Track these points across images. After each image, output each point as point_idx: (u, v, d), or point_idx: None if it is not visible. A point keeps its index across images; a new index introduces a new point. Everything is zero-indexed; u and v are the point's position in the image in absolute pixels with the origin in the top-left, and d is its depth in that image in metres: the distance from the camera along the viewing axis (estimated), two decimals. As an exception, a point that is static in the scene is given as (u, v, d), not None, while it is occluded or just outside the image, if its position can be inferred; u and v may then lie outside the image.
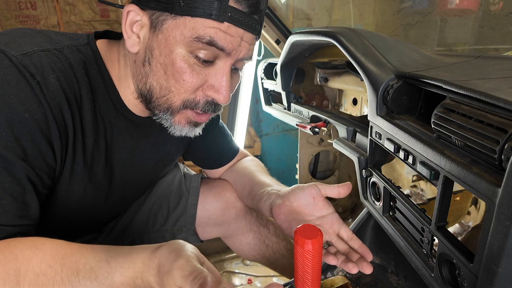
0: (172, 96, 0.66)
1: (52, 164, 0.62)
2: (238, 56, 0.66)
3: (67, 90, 0.62)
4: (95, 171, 0.72)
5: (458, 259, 0.47)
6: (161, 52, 0.63)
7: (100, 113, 0.70)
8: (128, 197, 0.91)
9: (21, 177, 0.56)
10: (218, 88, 0.66)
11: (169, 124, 0.70)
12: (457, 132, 0.45)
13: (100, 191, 0.76)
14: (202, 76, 0.65)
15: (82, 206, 0.74)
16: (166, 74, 0.64)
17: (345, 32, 0.84)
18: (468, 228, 0.86)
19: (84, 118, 0.66)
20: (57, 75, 0.60)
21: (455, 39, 1.61)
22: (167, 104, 0.67)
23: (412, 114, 0.65)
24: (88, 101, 0.66)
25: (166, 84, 0.65)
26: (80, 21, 2.40)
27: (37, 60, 0.59)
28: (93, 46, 0.69)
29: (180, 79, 0.63)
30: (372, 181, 0.74)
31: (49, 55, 0.61)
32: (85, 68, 0.66)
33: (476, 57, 0.70)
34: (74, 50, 0.66)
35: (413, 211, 0.59)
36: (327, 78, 1.29)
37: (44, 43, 0.63)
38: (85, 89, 0.66)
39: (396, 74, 0.65)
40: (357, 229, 0.91)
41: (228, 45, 0.62)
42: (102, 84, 0.69)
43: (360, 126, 0.86)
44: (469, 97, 0.46)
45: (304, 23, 2.42)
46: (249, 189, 0.92)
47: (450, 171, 0.46)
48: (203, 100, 0.67)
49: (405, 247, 0.62)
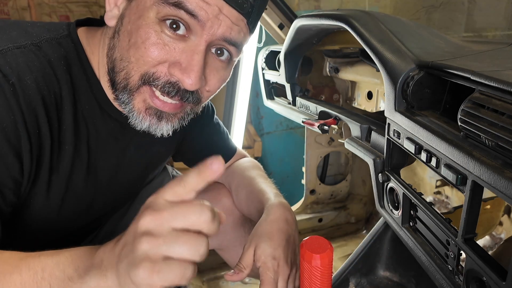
0: (131, 68, 0.64)
1: (18, 178, 0.61)
2: (215, 31, 0.62)
3: (45, 92, 0.62)
4: (75, 180, 0.72)
5: (489, 276, 0.47)
6: (130, 19, 0.63)
7: (83, 115, 0.70)
8: (113, 204, 0.91)
9: None
10: (186, 67, 0.62)
11: (128, 110, 0.68)
12: (487, 131, 0.45)
13: (81, 200, 0.76)
14: (169, 48, 0.62)
15: (61, 218, 0.74)
16: (129, 42, 0.63)
17: (359, 15, 0.84)
18: (500, 241, 0.86)
19: (64, 123, 0.66)
20: (35, 75, 0.61)
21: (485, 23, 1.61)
22: (125, 79, 0.65)
23: (436, 110, 0.65)
24: (69, 102, 0.66)
25: (127, 54, 0.64)
26: (54, 3, 2.40)
27: (12, 59, 0.59)
28: (74, 37, 0.69)
29: (142, 47, 0.61)
30: (389, 186, 0.74)
31: (25, 53, 0.61)
32: (67, 65, 0.66)
33: (509, 44, 0.70)
34: (54, 44, 0.66)
35: (437, 221, 0.59)
36: (337, 69, 1.29)
37: (20, 38, 0.62)
38: (66, 89, 0.65)
39: (418, 64, 0.65)
40: (373, 242, 0.91)
41: (200, 11, 0.60)
42: (85, 82, 0.69)
43: (375, 123, 0.86)
44: (502, 90, 0.46)
45: (312, 5, 2.42)
46: (246, 196, 0.92)
47: (480, 175, 0.46)
48: (165, 77, 0.64)
49: (428, 263, 0.62)
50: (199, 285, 1.42)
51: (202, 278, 1.47)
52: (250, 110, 2.61)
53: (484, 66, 0.54)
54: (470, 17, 1.61)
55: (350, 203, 1.78)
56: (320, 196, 1.70)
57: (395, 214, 0.73)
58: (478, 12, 1.59)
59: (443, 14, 1.65)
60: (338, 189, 1.73)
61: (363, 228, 1.80)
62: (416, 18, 1.71)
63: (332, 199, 1.74)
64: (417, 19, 1.71)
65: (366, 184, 1.74)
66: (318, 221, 1.73)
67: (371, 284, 0.93)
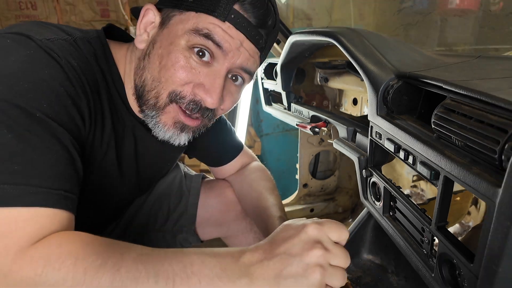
0: (161, 88, 0.64)
1: (83, 140, 0.62)
2: (236, 60, 0.65)
3: (88, 76, 0.62)
4: (107, 159, 0.71)
5: (459, 259, 0.47)
6: (161, 44, 0.64)
7: (112, 104, 0.70)
8: (133, 194, 0.90)
9: (68, 144, 0.55)
10: (209, 89, 0.64)
11: (153, 123, 0.68)
12: (457, 132, 0.45)
13: (109, 178, 0.76)
14: (195, 72, 0.63)
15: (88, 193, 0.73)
16: (160, 64, 0.64)
17: (345, 32, 0.84)
18: (468, 228, 0.86)
19: (103, 105, 0.66)
20: (77, 62, 0.61)
21: (456, 39, 1.61)
22: (155, 97, 0.65)
23: (413, 114, 0.65)
24: (104, 90, 0.67)
25: (158, 76, 0.64)
26: (81, 21, 2.40)
27: (59, 46, 0.59)
28: (103, 40, 0.70)
29: (172, 68, 0.63)
30: (372, 181, 0.74)
31: (67, 44, 0.62)
32: (96, 60, 0.67)
33: (476, 57, 0.70)
34: (86, 42, 0.66)
35: (413, 211, 0.59)
36: (327, 78, 1.29)
37: (60, 33, 0.63)
38: (100, 78, 0.66)
39: (396, 74, 0.65)
40: (357, 229, 0.91)
41: (225, 43, 0.62)
42: (110, 77, 0.70)
43: (360, 126, 0.86)
44: (470, 97, 0.46)
45: (304, 23, 2.42)
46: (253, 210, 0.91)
47: (450, 171, 0.46)
48: (190, 96, 0.65)
49: (405, 247, 0.62)
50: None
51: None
52: (251, 115, 2.60)
53: (455, 76, 0.54)
54: (442, 33, 1.61)
55: (338, 195, 1.78)
56: (312, 189, 1.70)
57: (377, 205, 0.73)
58: (449, 29, 1.59)
59: (419, 31, 1.65)
60: (327, 183, 1.72)
61: (349, 217, 1.80)
62: (396, 34, 1.71)
63: (322, 192, 1.74)
64: (396, 35, 1.71)
65: (352, 179, 1.73)
66: (310, 211, 1.73)
67: (356, 266, 0.92)
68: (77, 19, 2.41)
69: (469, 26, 1.51)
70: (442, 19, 1.60)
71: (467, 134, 0.43)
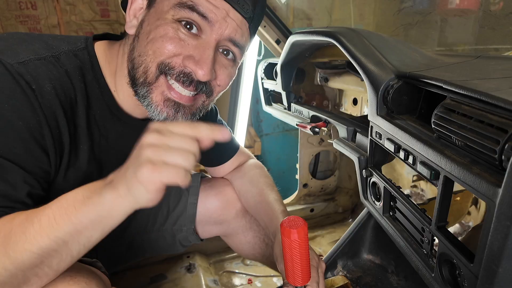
0: (148, 61, 0.64)
1: (47, 169, 0.62)
2: (223, 31, 0.64)
3: (62, 98, 0.62)
4: (89, 177, 0.71)
5: (458, 259, 0.47)
6: (149, 22, 0.64)
7: (94, 119, 0.70)
8: None
9: (17, 181, 0.56)
10: (199, 60, 0.64)
11: (147, 104, 0.67)
12: (457, 132, 0.45)
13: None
14: (184, 44, 0.63)
15: None
16: (147, 39, 0.64)
17: (346, 32, 0.84)
18: (468, 228, 0.86)
19: (79, 125, 0.66)
20: (53, 83, 0.61)
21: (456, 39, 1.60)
22: (143, 73, 0.65)
23: (413, 114, 0.65)
24: (83, 107, 0.66)
25: (144, 49, 0.64)
26: (81, 21, 2.40)
27: (33, 69, 0.59)
28: (90, 50, 0.69)
29: (160, 40, 0.63)
30: (372, 181, 0.74)
31: (45, 64, 0.61)
32: (82, 75, 0.67)
33: (476, 57, 0.70)
34: (71, 56, 0.66)
35: (413, 211, 0.59)
36: (327, 78, 1.29)
37: (41, 50, 0.63)
38: (80, 96, 0.66)
39: (396, 74, 0.65)
40: (357, 229, 0.91)
41: (210, 13, 0.62)
42: (97, 90, 0.69)
43: (360, 126, 0.86)
44: (470, 97, 0.46)
45: (304, 23, 2.42)
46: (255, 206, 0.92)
47: (451, 171, 0.46)
48: (180, 68, 0.64)
49: (405, 247, 0.62)
50: (207, 266, 1.42)
51: (209, 261, 1.47)
52: (251, 114, 2.60)
53: (455, 76, 0.54)
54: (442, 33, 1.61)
55: (338, 195, 1.78)
56: (312, 189, 1.70)
57: (377, 205, 0.73)
58: (449, 29, 1.59)
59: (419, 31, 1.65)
60: (327, 183, 1.72)
61: (349, 217, 1.80)
62: (395, 35, 1.71)
63: (322, 192, 1.74)
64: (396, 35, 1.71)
65: (352, 179, 1.73)
66: (310, 211, 1.73)
67: (356, 265, 0.92)
68: (77, 19, 2.41)
69: (469, 26, 1.51)
70: (442, 19, 1.60)
71: (467, 134, 0.43)
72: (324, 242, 1.62)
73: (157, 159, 0.46)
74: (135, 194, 0.47)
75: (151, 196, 0.47)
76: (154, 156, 0.46)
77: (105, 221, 0.50)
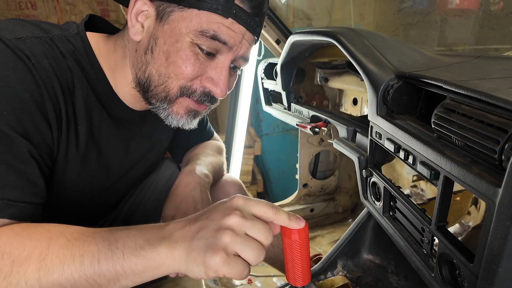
0: (170, 83, 0.67)
1: (51, 145, 0.62)
2: (238, 52, 0.68)
3: (60, 76, 0.62)
4: (89, 159, 0.72)
5: (458, 259, 0.47)
6: (166, 41, 0.64)
7: (92, 102, 0.70)
8: (122, 186, 0.90)
9: (25, 154, 0.55)
10: (217, 81, 0.67)
11: (166, 114, 0.70)
12: (457, 132, 0.45)
13: (94, 179, 0.76)
14: (202, 66, 0.66)
15: (75, 194, 0.73)
16: (167, 61, 0.65)
17: (345, 32, 0.84)
18: (468, 228, 0.86)
19: (77, 106, 0.66)
20: (50, 61, 0.61)
21: (455, 39, 1.61)
22: (164, 91, 0.68)
23: (413, 114, 0.65)
24: (80, 89, 0.66)
25: (165, 71, 0.66)
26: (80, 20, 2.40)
27: (30, 45, 0.59)
28: (83, 36, 0.69)
29: (182, 65, 0.65)
30: (372, 181, 0.74)
31: (41, 42, 0.61)
32: (76, 59, 0.66)
33: (476, 57, 0.70)
34: (64, 39, 0.66)
35: (413, 211, 0.59)
36: (327, 78, 1.29)
37: (36, 31, 0.63)
38: (77, 78, 0.66)
39: (396, 74, 0.65)
40: (357, 229, 0.91)
41: (230, 40, 0.65)
42: (93, 75, 0.69)
43: (360, 126, 0.86)
44: (470, 97, 0.46)
45: (304, 23, 2.42)
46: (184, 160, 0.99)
47: (451, 171, 0.46)
48: (200, 89, 0.68)
49: (405, 247, 0.62)
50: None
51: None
52: (251, 114, 2.61)
53: (455, 76, 0.54)
54: (442, 33, 1.61)
55: (338, 195, 1.78)
56: (312, 189, 1.70)
57: (377, 205, 0.73)
58: (449, 29, 1.59)
59: (418, 31, 1.65)
60: (327, 183, 1.72)
61: (349, 217, 1.80)
62: (395, 34, 1.71)
63: (322, 191, 1.74)
64: (396, 35, 1.71)
65: (352, 179, 1.73)
66: (310, 211, 1.73)
67: (356, 265, 0.92)
68: (77, 19, 2.41)
69: (469, 26, 1.51)
70: (442, 19, 1.60)
71: (467, 134, 0.43)
72: (324, 242, 1.62)
73: (232, 250, 0.46)
74: (191, 268, 0.47)
75: (204, 277, 0.46)
76: (230, 245, 0.46)
77: (148, 275, 0.49)
